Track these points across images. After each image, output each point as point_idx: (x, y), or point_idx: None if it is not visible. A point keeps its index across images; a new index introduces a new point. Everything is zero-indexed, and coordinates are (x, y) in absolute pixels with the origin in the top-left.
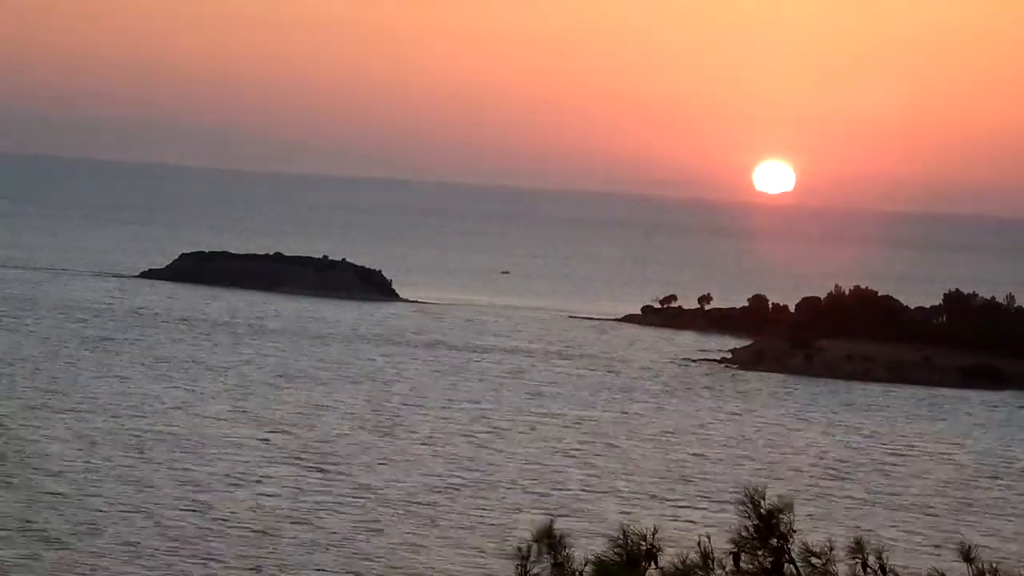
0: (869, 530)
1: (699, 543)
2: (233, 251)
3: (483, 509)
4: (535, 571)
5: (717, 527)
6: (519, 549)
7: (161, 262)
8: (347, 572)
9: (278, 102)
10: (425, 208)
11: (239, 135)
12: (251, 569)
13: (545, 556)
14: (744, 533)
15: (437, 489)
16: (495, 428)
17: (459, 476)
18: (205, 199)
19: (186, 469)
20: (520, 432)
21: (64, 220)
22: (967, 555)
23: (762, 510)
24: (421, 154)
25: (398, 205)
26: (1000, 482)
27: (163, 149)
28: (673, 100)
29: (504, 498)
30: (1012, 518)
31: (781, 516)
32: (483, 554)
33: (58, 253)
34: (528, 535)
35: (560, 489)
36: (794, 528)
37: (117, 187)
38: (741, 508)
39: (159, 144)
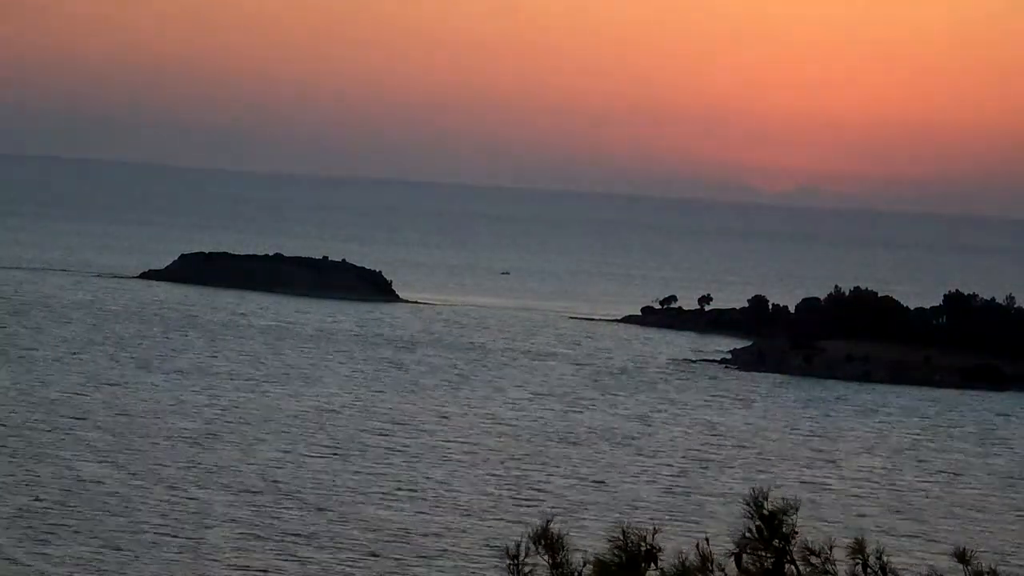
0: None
1: (698, 545)
2: (233, 251)
3: (481, 508)
4: (529, 571)
5: (717, 528)
6: (507, 549)
7: (161, 262)
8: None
9: (278, 102)
10: (425, 208)
11: (239, 135)
12: None
13: (543, 556)
14: (747, 534)
15: (432, 487)
16: (495, 428)
17: (457, 475)
18: (205, 199)
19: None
20: (520, 431)
21: (64, 220)
22: (962, 557)
23: (765, 511)
24: (422, 154)
25: (398, 205)
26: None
27: (163, 149)
28: (673, 100)
29: (503, 499)
30: None
31: (784, 518)
32: (480, 554)
33: (58, 253)
34: (525, 535)
35: (560, 489)
36: (796, 530)
37: (117, 187)
38: (745, 509)
39: (159, 144)
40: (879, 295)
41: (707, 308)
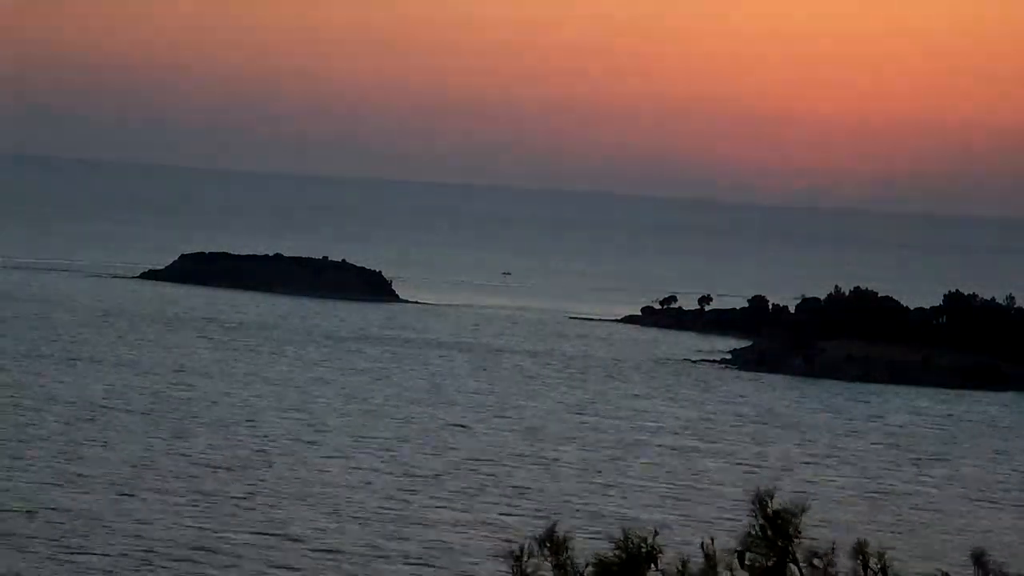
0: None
1: (701, 544)
2: (233, 251)
3: (479, 509)
4: (531, 571)
5: (716, 528)
6: (512, 551)
7: (161, 262)
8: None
9: (277, 102)
10: (425, 208)
11: (236, 135)
12: None
13: (547, 557)
14: (751, 533)
15: (429, 486)
16: (496, 427)
17: (457, 476)
18: (204, 199)
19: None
20: (521, 431)
21: (64, 220)
22: (978, 559)
23: (769, 511)
24: (421, 154)
25: (398, 205)
26: None
27: (163, 149)
28: (674, 101)
29: (502, 498)
30: None
31: (789, 518)
32: (481, 552)
33: (58, 253)
34: (528, 536)
35: (560, 489)
36: (800, 530)
37: (118, 187)
38: (749, 508)
39: (158, 144)
40: (879, 295)
41: (707, 308)
